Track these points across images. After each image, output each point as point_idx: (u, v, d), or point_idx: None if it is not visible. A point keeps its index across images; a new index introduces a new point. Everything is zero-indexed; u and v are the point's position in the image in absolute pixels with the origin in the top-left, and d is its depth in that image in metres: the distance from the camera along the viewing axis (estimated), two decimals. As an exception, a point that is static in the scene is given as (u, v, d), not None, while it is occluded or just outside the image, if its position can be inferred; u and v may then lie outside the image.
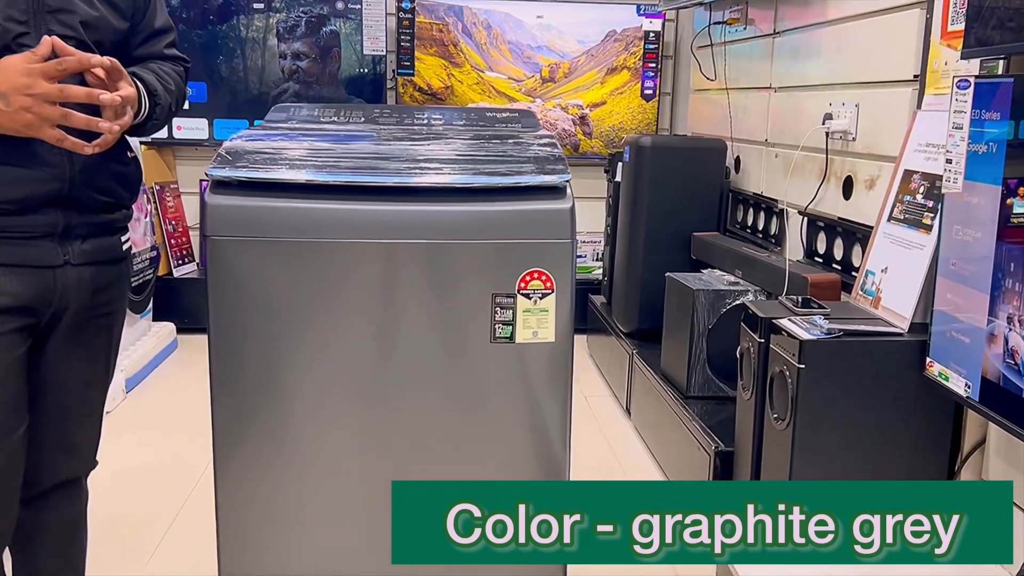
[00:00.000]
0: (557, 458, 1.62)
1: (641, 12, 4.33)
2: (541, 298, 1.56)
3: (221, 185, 1.49)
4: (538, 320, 1.57)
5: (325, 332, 1.54)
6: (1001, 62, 1.73)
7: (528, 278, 1.55)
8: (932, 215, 1.91)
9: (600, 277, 4.38)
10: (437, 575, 1.57)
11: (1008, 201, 1.55)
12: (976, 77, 1.66)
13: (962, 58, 1.74)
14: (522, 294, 1.55)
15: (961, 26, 1.81)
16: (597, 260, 4.67)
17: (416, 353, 1.56)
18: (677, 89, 4.52)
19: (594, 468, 2.88)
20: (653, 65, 4.40)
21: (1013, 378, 1.55)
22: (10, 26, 1.28)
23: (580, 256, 4.68)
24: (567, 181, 1.55)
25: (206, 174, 1.49)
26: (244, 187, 1.49)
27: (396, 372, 1.57)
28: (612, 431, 3.21)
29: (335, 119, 1.89)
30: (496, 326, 1.56)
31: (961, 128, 1.69)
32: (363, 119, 1.90)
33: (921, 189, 1.98)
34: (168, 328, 4.08)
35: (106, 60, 1.30)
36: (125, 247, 1.51)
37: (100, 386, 1.56)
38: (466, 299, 1.55)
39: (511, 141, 1.73)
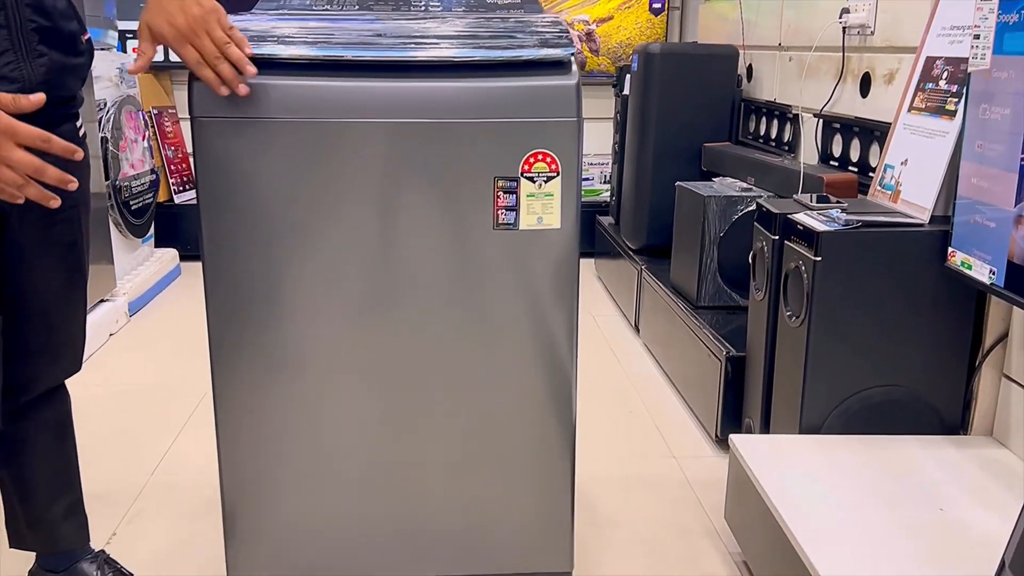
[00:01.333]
0: (563, 354, 1.57)
1: (649, -79, 4.17)
2: (546, 182, 1.49)
3: (207, 62, 1.40)
4: (543, 205, 1.50)
5: (321, 219, 1.47)
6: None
7: (532, 160, 1.47)
8: (956, 100, 1.82)
9: (608, 199, 4.30)
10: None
11: (1040, 71, 1.47)
12: (1008, -58, 1.56)
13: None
14: (526, 177, 1.48)
15: None
16: (605, 183, 4.59)
17: (416, 242, 1.50)
18: (686, 2, 4.37)
19: (603, 384, 2.84)
20: (662, -22, 4.26)
21: (1041, 259, 1.48)
22: None
23: (587, 179, 4.59)
24: (572, 55, 1.47)
25: (191, 50, 1.41)
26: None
27: (395, 262, 1.50)
28: (620, 348, 3.17)
29: (328, 6, 1.80)
30: (499, 212, 1.49)
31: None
32: (357, 5, 1.81)
33: (944, 75, 1.89)
34: (171, 254, 4.04)
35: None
36: (80, 133, 1.44)
37: (77, 285, 1.50)
38: (467, 183, 1.48)
39: (513, 20, 1.64)
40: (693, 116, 3.20)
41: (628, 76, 3.43)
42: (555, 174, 1.49)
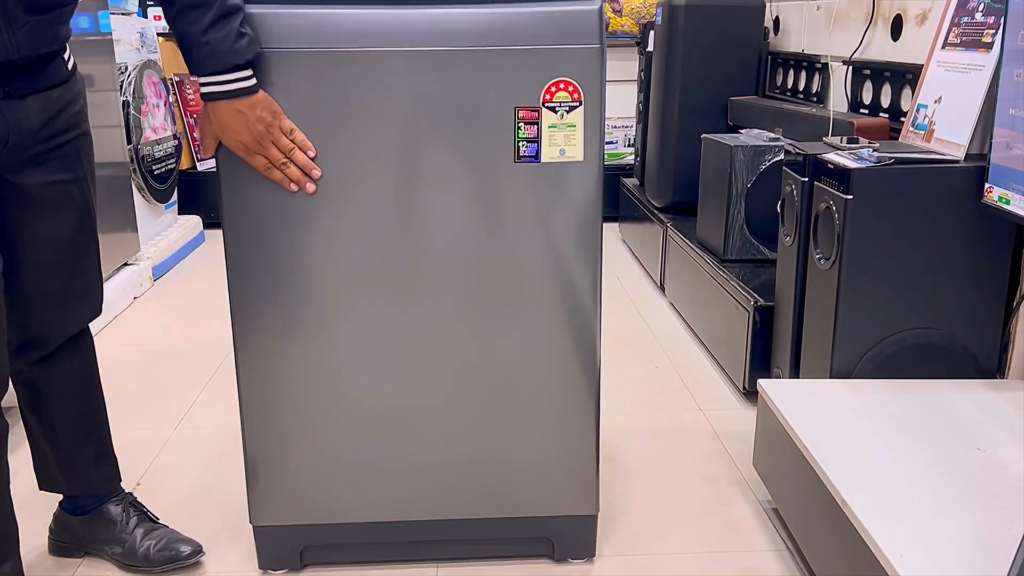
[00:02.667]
0: (586, 298, 1.53)
1: None
2: (568, 112, 1.45)
3: (224, -9, 1.38)
4: (565, 136, 1.46)
5: (340, 153, 1.44)
6: None
7: (554, 89, 1.44)
8: (992, 31, 1.76)
9: (632, 163, 4.25)
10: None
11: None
12: None
13: None
14: (547, 107, 1.44)
15: None
16: (629, 146, 4.53)
17: (435, 176, 1.46)
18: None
19: (628, 340, 2.80)
20: (686, -65, 4.17)
21: (1084, 187, 1.43)
22: None
23: (611, 142, 4.53)
24: (594, -21, 1.42)
25: (206, -21, 1.38)
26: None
27: (415, 202, 1.47)
28: (646, 307, 3.13)
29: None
30: (520, 144, 1.46)
31: (1031, -82, 1.53)
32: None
33: (980, 7, 1.82)
34: (195, 221, 4.04)
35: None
36: (69, 66, 1.40)
37: (87, 225, 1.47)
38: (488, 114, 1.44)
39: (534, -47, 1.60)
40: (719, 70, 3.14)
41: (652, 32, 3.36)
42: (578, 104, 1.45)
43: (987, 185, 1.70)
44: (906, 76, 2.26)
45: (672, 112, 3.19)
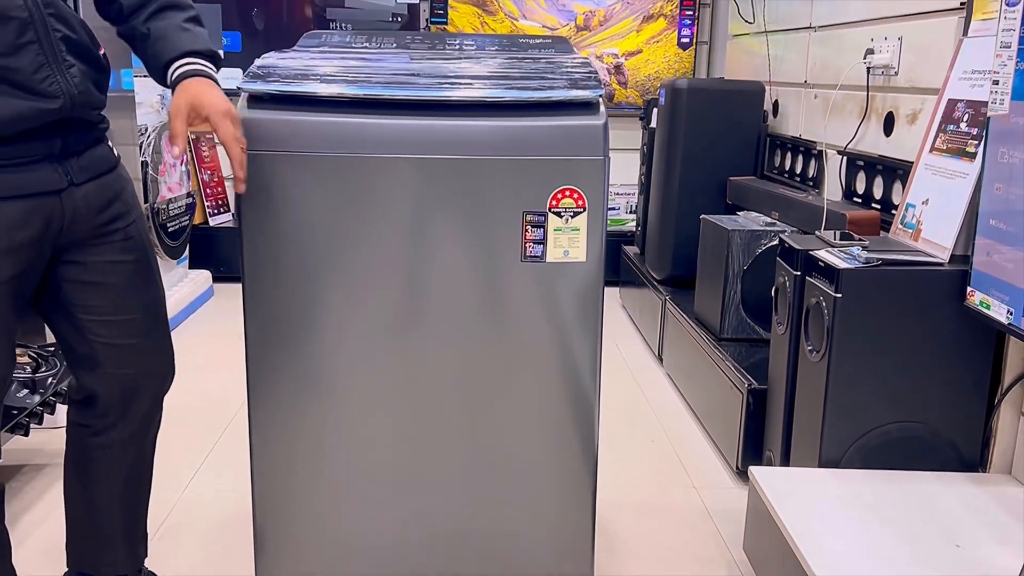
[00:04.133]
0: (586, 383, 1.61)
1: (679, -43, 4.25)
2: (572, 216, 1.54)
3: (254, 100, 1.48)
4: (569, 239, 1.56)
5: (356, 248, 1.54)
6: (1053, -22, 1.67)
7: (560, 196, 1.53)
8: (976, 142, 1.86)
9: (633, 229, 4.35)
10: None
11: (1057, 118, 1.50)
12: (1027, -8, 1.60)
13: (1012, -26, 1.68)
14: (553, 212, 1.54)
15: (1012, -56, 1.74)
16: (630, 212, 4.64)
17: (446, 271, 1.55)
18: (715, 37, 4.44)
19: (625, 412, 2.87)
20: (690, 13, 4.33)
21: (1057, 301, 1.51)
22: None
23: (613, 208, 4.64)
24: (600, 96, 1.53)
25: (238, 88, 1.49)
26: (277, 101, 1.49)
27: (426, 291, 1.56)
28: (644, 377, 3.20)
29: (367, 44, 1.88)
30: (527, 244, 1.55)
31: (1009, 47, 1.63)
32: (395, 44, 1.89)
33: (965, 117, 1.93)
34: (204, 276, 4.13)
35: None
36: (116, 152, 1.50)
37: (159, 289, 1.54)
38: (497, 217, 1.54)
39: (544, 61, 1.71)
40: (719, 150, 3.25)
41: (655, 110, 3.49)
42: (582, 210, 1.54)
43: (969, 289, 1.78)
44: (897, 171, 2.36)
45: (673, 189, 3.30)
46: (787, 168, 3.17)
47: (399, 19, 4.26)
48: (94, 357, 1.44)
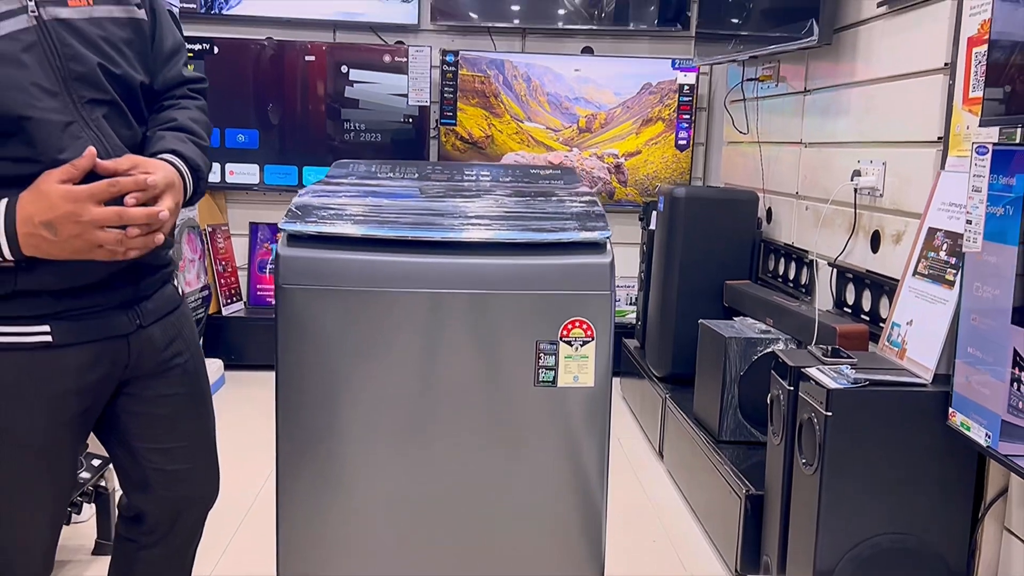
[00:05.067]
0: (595, 497, 1.72)
1: (676, 66, 4.48)
2: (582, 345, 1.68)
3: (292, 238, 1.63)
4: (579, 366, 1.68)
5: (379, 373, 1.67)
6: (1019, 129, 1.84)
7: (570, 327, 1.66)
8: (954, 271, 2.00)
9: (634, 321, 4.48)
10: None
11: (1024, 261, 1.65)
12: (994, 144, 1.76)
13: (980, 126, 1.84)
14: (564, 341, 1.67)
15: (981, 93, 1.92)
16: (631, 304, 4.78)
17: (462, 395, 1.68)
18: (711, 140, 4.64)
19: (627, 511, 2.96)
20: (687, 117, 4.54)
21: (1030, 429, 1.64)
22: (40, 95, 1.25)
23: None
24: (607, 238, 1.68)
25: (279, 228, 1.63)
26: (313, 240, 1.63)
27: (443, 412, 1.69)
28: (645, 474, 3.29)
29: (391, 175, 2.04)
30: (540, 371, 1.68)
31: (980, 191, 1.79)
32: (416, 175, 2.05)
33: (944, 246, 2.08)
34: (216, 365, 4.24)
35: (159, 179, 1.29)
36: (180, 291, 1.59)
37: (209, 417, 1.62)
38: (511, 345, 1.67)
39: (554, 199, 1.87)
40: (715, 254, 3.40)
41: (654, 213, 3.65)
42: (590, 339, 1.67)
43: (951, 410, 1.91)
44: (884, 287, 2.51)
45: (672, 290, 3.44)
46: (781, 273, 3.32)
47: (410, 120, 4.47)
48: (146, 480, 1.54)
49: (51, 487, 1.42)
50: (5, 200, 1.22)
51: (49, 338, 1.32)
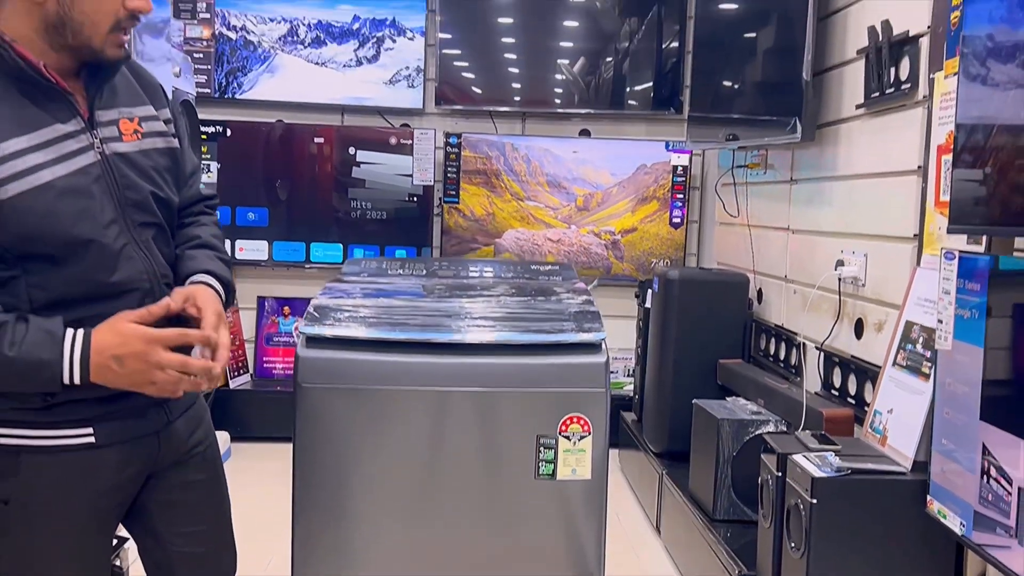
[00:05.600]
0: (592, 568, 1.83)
1: (670, 148, 4.67)
2: (580, 440, 1.79)
3: (311, 339, 1.76)
4: (577, 459, 1.80)
5: (389, 465, 1.78)
6: (985, 239, 1.98)
7: (568, 422, 1.78)
8: (930, 364, 2.13)
9: (631, 394, 4.58)
10: None
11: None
12: (960, 252, 1.90)
13: (948, 232, 1.99)
14: (563, 436, 1.79)
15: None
16: (628, 376, 4.88)
17: (466, 485, 1.80)
18: (704, 218, 4.81)
19: (625, 586, 3.03)
20: (681, 196, 4.72)
21: (1000, 519, 1.74)
22: (105, 222, 1.38)
23: (612, 372, 4.89)
24: (602, 339, 1.81)
25: (298, 331, 1.76)
26: (329, 341, 1.76)
27: (449, 501, 1.80)
28: (643, 550, 3.36)
29: (400, 271, 2.18)
30: (540, 464, 1.79)
31: (949, 294, 1.92)
32: (424, 272, 2.19)
33: (920, 340, 2.21)
34: (223, 437, 4.33)
35: (216, 337, 1.43)
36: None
37: (226, 499, 1.72)
38: (512, 439, 1.79)
39: (553, 298, 2.00)
40: (709, 334, 3.53)
41: (650, 292, 3.79)
42: (587, 434, 1.79)
43: (929, 497, 2.01)
44: (868, 373, 2.63)
45: (667, 369, 3.56)
46: (772, 353, 3.44)
47: (415, 199, 4.64)
48: (167, 562, 1.64)
49: None
50: (82, 331, 1.35)
51: (92, 439, 1.43)
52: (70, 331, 1.34)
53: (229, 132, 4.58)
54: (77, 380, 1.34)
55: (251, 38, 4.65)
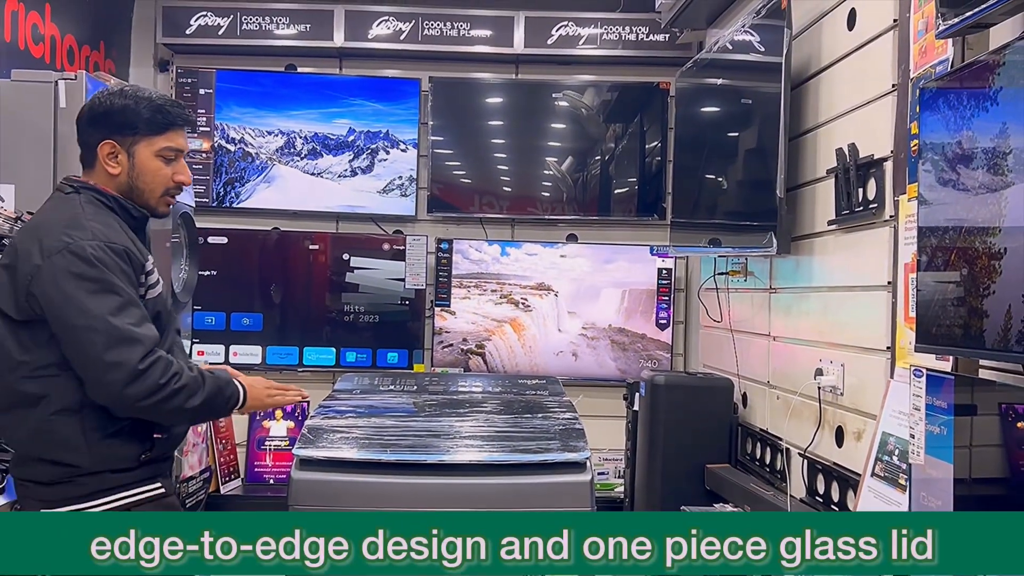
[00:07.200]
0: None
1: (654, 252, 4.81)
2: (566, 558, 1.83)
3: (304, 461, 1.82)
4: (565, 574, 1.83)
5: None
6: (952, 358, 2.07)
7: (554, 541, 1.83)
8: (906, 476, 2.19)
9: (622, 495, 4.60)
10: None
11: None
12: (928, 369, 1.99)
13: (916, 351, 2.08)
14: (549, 555, 1.83)
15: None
16: (619, 477, 4.90)
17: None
18: (689, 318, 4.91)
19: None
20: (666, 298, 4.83)
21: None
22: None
23: (602, 473, 4.91)
24: (587, 458, 1.87)
25: (293, 453, 1.83)
26: (322, 462, 1.82)
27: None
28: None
29: (392, 387, 2.25)
30: (529, 581, 1.83)
31: (919, 410, 2.00)
32: (415, 387, 2.26)
33: (896, 451, 2.27)
34: (212, 543, 4.31)
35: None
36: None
37: None
38: (502, 558, 1.82)
39: (540, 414, 2.07)
40: (696, 437, 3.59)
41: (637, 395, 3.86)
42: (573, 552, 1.83)
43: (911, 611, 2.05)
44: (849, 480, 2.68)
45: (656, 473, 3.60)
46: (758, 457, 3.49)
47: (407, 302, 4.74)
48: None
49: None
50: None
51: (163, 491, 1.91)
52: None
53: (226, 240, 4.71)
54: (240, 399, 2.03)
55: (249, 150, 4.82)
